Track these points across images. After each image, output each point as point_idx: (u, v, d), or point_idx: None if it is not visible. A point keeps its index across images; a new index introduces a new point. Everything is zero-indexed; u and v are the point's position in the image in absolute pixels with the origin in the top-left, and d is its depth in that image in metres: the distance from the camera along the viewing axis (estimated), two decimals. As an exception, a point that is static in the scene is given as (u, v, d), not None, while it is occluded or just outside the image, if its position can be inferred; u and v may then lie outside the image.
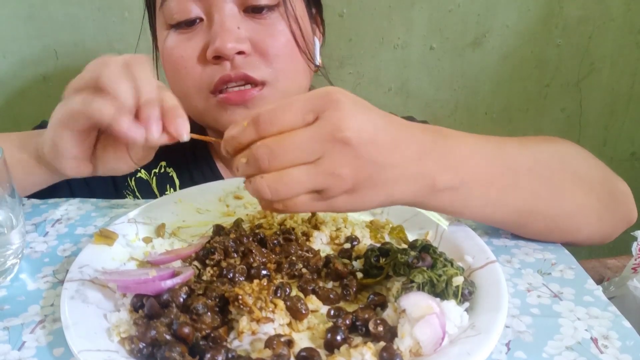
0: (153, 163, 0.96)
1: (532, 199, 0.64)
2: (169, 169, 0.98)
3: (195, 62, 0.83)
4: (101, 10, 1.35)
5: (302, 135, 0.50)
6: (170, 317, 0.52)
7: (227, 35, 0.79)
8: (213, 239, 0.64)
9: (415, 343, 0.50)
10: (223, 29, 0.80)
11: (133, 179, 0.97)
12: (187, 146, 0.96)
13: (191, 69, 0.83)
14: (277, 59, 0.83)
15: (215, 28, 0.80)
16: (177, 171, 0.98)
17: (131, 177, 0.97)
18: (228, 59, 0.81)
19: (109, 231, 0.66)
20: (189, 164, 0.98)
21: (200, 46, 0.82)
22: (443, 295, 0.55)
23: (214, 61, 0.81)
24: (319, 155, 0.51)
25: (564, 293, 0.61)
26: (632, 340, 0.54)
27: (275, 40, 0.83)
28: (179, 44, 0.83)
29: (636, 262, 0.85)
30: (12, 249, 0.64)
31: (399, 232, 0.70)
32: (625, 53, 1.48)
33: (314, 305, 0.56)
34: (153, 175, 0.98)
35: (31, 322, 0.57)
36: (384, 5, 1.40)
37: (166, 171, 0.98)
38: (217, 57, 0.80)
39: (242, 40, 0.80)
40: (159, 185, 0.97)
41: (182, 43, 0.83)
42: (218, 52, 0.79)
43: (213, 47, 0.80)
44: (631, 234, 0.86)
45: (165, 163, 0.98)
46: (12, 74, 1.39)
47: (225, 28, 0.80)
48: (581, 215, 0.68)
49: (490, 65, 1.48)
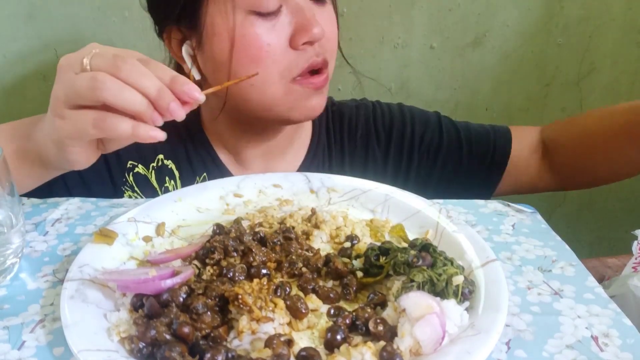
0: (150, 157, 0.96)
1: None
2: (167, 162, 0.98)
3: (284, 49, 0.83)
4: (101, 9, 1.35)
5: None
6: (170, 317, 0.52)
7: (315, 22, 0.83)
8: (213, 238, 0.64)
9: (416, 342, 0.50)
10: (310, 16, 0.83)
11: (131, 174, 0.97)
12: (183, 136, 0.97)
13: (279, 56, 0.83)
14: (331, 42, 0.89)
15: (301, 15, 0.83)
16: (175, 163, 0.98)
17: (129, 172, 0.96)
18: (313, 45, 0.84)
19: (108, 230, 0.66)
20: (188, 153, 0.98)
21: (287, 33, 0.83)
22: (443, 295, 0.55)
23: (302, 47, 0.83)
24: None
25: (565, 290, 0.60)
26: (632, 338, 0.54)
27: (333, 27, 0.89)
28: (263, 32, 0.83)
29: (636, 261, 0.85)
30: (12, 248, 0.64)
31: (399, 230, 0.70)
32: (625, 53, 1.47)
33: (314, 305, 0.56)
34: (151, 170, 0.97)
35: (31, 322, 0.57)
36: (384, 4, 1.39)
37: (164, 164, 0.98)
38: (304, 43, 0.83)
39: (319, 26, 0.83)
40: (158, 178, 0.97)
41: (266, 31, 0.83)
42: (312, 37, 0.82)
43: (306, 34, 0.82)
44: (632, 232, 0.86)
45: (163, 156, 0.97)
46: (12, 73, 1.39)
47: (310, 15, 0.83)
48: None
49: (490, 64, 1.48)
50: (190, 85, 0.60)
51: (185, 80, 0.61)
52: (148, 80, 0.59)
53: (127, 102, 0.59)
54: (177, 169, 0.98)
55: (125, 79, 0.59)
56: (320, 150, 1.02)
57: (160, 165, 0.98)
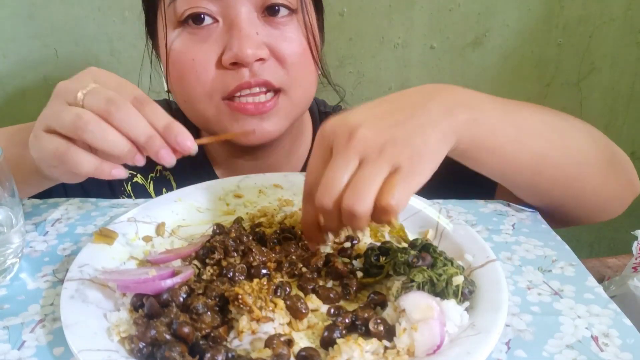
0: (149, 167, 0.96)
1: (544, 145, 0.69)
2: (165, 172, 0.97)
3: (209, 66, 0.79)
4: (101, 10, 1.35)
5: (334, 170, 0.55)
6: (170, 317, 0.52)
7: (247, 41, 0.76)
8: (213, 238, 0.64)
9: (412, 343, 0.50)
10: (242, 34, 0.77)
11: (129, 183, 0.96)
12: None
13: (203, 73, 0.79)
14: (293, 66, 0.82)
15: (234, 33, 0.77)
16: (174, 175, 0.97)
17: (127, 181, 0.96)
18: (246, 66, 0.78)
19: (108, 230, 0.66)
20: (185, 167, 0.97)
21: (215, 50, 0.79)
22: (443, 295, 0.55)
23: (230, 67, 0.78)
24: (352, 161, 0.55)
25: (565, 290, 0.60)
26: (632, 338, 0.53)
27: (292, 47, 0.81)
28: (190, 46, 0.80)
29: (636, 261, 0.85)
30: (12, 248, 0.64)
31: (399, 231, 0.70)
32: (625, 53, 1.47)
33: (314, 305, 0.56)
34: (150, 180, 0.97)
35: (31, 322, 0.57)
36: (384, 4, 1.40)
37: (163, 174, 0.97)
38: (234, 63, 0.78)
39: (261, 47, 0.78)
40: (156, 188, 0.97)
41: (194, 45, 0.80)
42: (237, 58, 0.77)
43: (232, 53, 0.77)
44: (632, 233, 0.86)
45: (162, 167, 0.97)
46: (12, 73, 1.39)
47: (244, 33, 0.77)
48: (586, 165, 0.72)
49: (490, 64, 1.48)
50: (183, 135, 0.60)
51: (179, 129, 0.60)
52: (138, 128, 0.59)
53: (107, 146, 0.58)
54: (174, 181, 0.97)
55: (116, 126, 0.58)
56: None
57: (159, 175, 0.97)
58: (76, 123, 0.58)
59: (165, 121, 0.60)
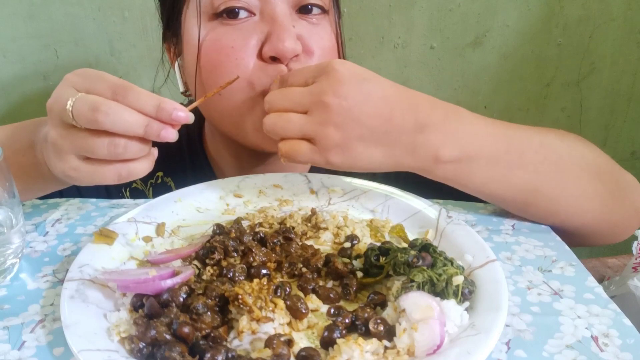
0: (150, 173, 0.95)
1: (536, 179, 0.69)
2: (166, 179, 0.97)
3: (250, 52, 0.76)
4: (101, 10, 1.35)
5: (297, 90, 0.66)
6: (170, 317, 0.52)
7: (288, 34, 0.74)
8: (213, 238, 0.64)
9: (412, 343, 0.50)
10: (283, 27, 0.75)
11: (127, 189, 0.96)
12: (185, 157, 0.95)
13: (242, 60, 0.76)
14: (320, 60, 0.80)
15: (275, 26, 0.75)
16: (174, 181, 0.96)
17: (126, 187, 0.96)
18: (284, 62, 0.76)
19: (108, 230, 0.66)
20: (186, 173, 0.96)
21: (255, 39, 0.77)
22: (443, 295, 0.55)
23: (269, 61, 0.76)
24: (306, 109, 0.64)
25: (565, 290, 0.60)
26: (632, 339, 0.54)
27: (323, 42, 0.81)
28: (227, 33, 0.77)
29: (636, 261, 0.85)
30: (12, 248, 0.64)
31: (399, 231, 0.70)
32: (625, 53, 1.47)
33: (314, 305, 0.56)
34: (149, 186, 0.96)
35: (31, 322, 0.57)
36: (384, 4, 1.39)
37: (164, 181, 0.97)
38: (273, 57, 0.76)
39: (297, 42, 0.76)
40: (156, 195, 0.96)
41: (231, 33, 0.77)
42: (279, 52, 0.74)
43: (275, 46, 0.74)
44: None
45: (163, 173, 0.96)
46: (12, 73, 1.39)
47: (285, 26, 0.75)
48: (585, 198, 0.71)
49: (490, 64, 1.48)
50: (176, 111, 0.59)
51: (171, 105, 0.59)
52: (131, 123, 0.58)
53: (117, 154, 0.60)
54: (175, 187, 0.96)
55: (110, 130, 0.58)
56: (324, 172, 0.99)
57: (160, 182, 0.96)
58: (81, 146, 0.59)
59: (153, 103, 0.59)
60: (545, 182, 0.69)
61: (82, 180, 0.63)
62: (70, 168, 0.62)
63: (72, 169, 0.62)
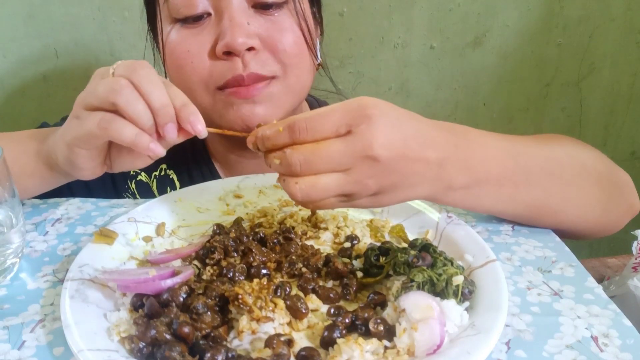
0: (153, 166, 0.95)
1: (542, 195, 0.69)
2: (169, 171, 0.98)
3: (203, 57, 0.80)
4: (101, 10, 1.35)
5: (335, 147, 0.55)
6: (170, 317, 0.52)
7: (238, 30, 0.77)
8: (213, 238, 0.64)
9: (412, 343, 0.50)
10: (233, 24, 0.78)
11: (133, 181, 0.97)
12: (187, 148, 0.96)
13: (198, 64, 0.81)
14: (286, 55, 0.82)
15: (225, 23, 0.78)
16: (177, 173, 0.98)
17: (131, 179, 0.97)
18: (238, 55, 0.79)
19: (109, 230, 0.66)
20: (189, 165, 0.98)
21: (209, 41, 0.80)
22: (443, 295, 0.55)
23: (223, 57, 0.79)
24: (348, 167, 0.56)
25: (564, 291, 0.60)
26: (632, 339, 0.54)
27: (284, 37, 0.82)
28: (185, 38, 0.82)
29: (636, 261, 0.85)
30: (12, 248, 0.64)
31: (399, 231, 0.70)
32: (625, 53, 1.47)
33: (314, 305, 0.56)
34: (153, 178, 0.97)
35: (31, 322, 0.57)
36: (384, 4, 1.39)
37: (167, 173, 0.98)
38: (226, 52, 0.79)
39: (252, 36, 0.79)
40: (159, 187, 0.97)
41: (188, 38, 0.81)
42: (229, 47, 0.78)
43: (224, 42, 0.78)
44: (631, 233, 0.86)
45: (166, 165, 0.97)
46: (12, 73, 1.39)
47: (235, 23, 0.78)
48: (588, 207, 0.72)
49: (490, 64, 1.48)
50: (197, 116, 0.61)
51: (195, 110, 0.61)
52: (157, 92, 0.60)
53: (135, 112, 0.59)
54: (178, 180, 0.98)
55: (138, 84, 0.59)
56: None
57: (163, 174, 0.98)
58: (112, 87, 0.60)
59: (183, 100, 0.61)
60: (550, 197, 0.69)
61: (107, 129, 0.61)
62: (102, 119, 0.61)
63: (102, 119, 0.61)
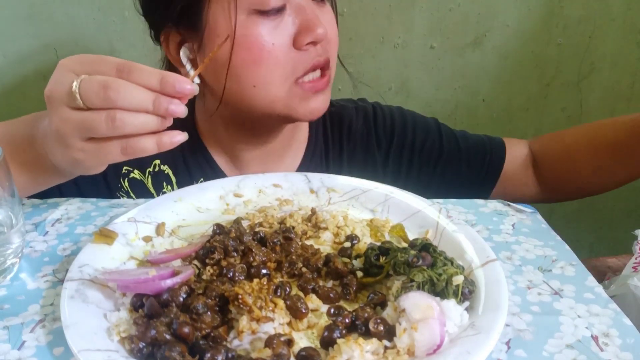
0: (147, 162, 0.95)
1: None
2: (163, 167, 0.97)
3: (285, 49, 0.83)
4: (101, 9, 1.35)
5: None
6: (170, 317, 0.52)
7: (319, 22, 0.82)
8: (213, 238, 0.64)
9: (412, 343, 0.50)
10: (314, 16, 0.83)
11: (126, 179, 0.96)
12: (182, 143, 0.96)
13: (282, 56, 0.83)
14: (333, 45, 0.89)
15: (306, 16, 0.82)
16: (172, 168, 0.97)
17: (124, 177, 0.96)
18: (316, 44, 0.84)
19: (108, 230, 0.66)
20: (184, 158, 0.97)
21: (290, 33, 0.83)
22: (443, 295, 0.55)
23: (305, 47, 0.83)
24: None
25: (565, 290, 0.60)
26: (632, 338, 0.54)
27: (333, 28, 0.89)
28: (268, 30, 0.82)
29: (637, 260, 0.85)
30: (12, 248, 0.64)
31: (399, 230, 0.70)
32: (625, 53, 1.47)
33: (314, 305, 0.56)
34: (148, 175, 0.97)
35: (31, 322, 0.57)
36: (384, 4, 1.39)
37: (161, 169, 0.97)
38: (309, 43, 0.83)
39: (322, 26, 0.83)
40: (155, 184, 0.96)
41: (271, 30, 0.82)
42: (317, 37, 0.82)
43: (313, 34, 0.82)
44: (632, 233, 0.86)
45: (159, 161, 0.97)
46: (12, 73, 1.39)
47: (314, 14, 0.83)
48: None
49: (490, 64, 1.48)
50: (180, 82, 0.59)
51: (174, 77, 0.59)
52: (140, 99, 0.58)
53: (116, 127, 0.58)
54: (174, 174, 0.97)
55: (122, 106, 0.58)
56: (318, 152, 1.01)
57: (157, 170, 0.97)
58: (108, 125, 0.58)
59: (157, 77, 0.59)
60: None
61: (89, 162, 0.63)
62: (77, 150, 0.62)
63: (78, 150, 0.62)
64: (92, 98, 0.59)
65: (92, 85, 0.59)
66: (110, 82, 0.58)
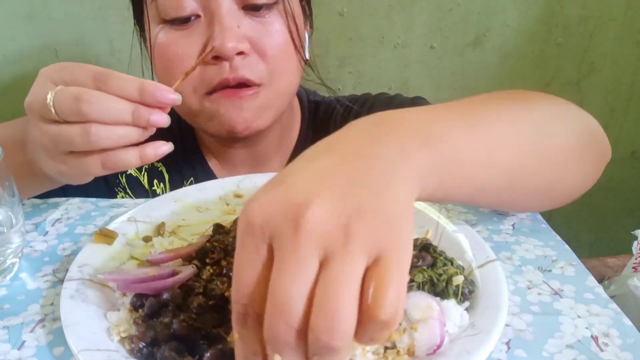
0: None
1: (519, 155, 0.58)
2: (157, 164, 0.97)
3: (192, 61, 0.79)
4: (101, 9, 1.35)
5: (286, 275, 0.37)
6: (170, 317, 0.52)
7: (228, 35, 0.76)
8: (213, 237, 0.64)
9: (412, 343, 0.50)
10: (223, 28, 0.76)
11: (124, 176, 0.97)
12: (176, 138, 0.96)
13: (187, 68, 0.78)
14: (274, 59, 0.81)
15: (215, 26, 0.77)
16: (165, 165, 0.97)
17: (122, 174, 0.97)
18: (227, 60, 0.79)
19: (108, 230, 0.66)
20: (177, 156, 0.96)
21: (198, 44, 0.79)
22: (443, 295, 0.55)
23: (212, 61, 0.79)
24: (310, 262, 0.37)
25: (565, 290, 0.60)
26: (632, 338, 0.53)
27: (273, 40, 0.81)
28: (174, 40, 0.80)
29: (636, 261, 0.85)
30: (11, 248, 0.64)
31: (399, 231, 0.70)
32: (625, 52, 1.47)
33: (314, 304, 0.56)
34: (144, 172, 0.97)
35: (31, 321, 0.57)
36: (384, 4, 1.39)
37: (155, 166, 0.98)
38: (216, 57, 0.78)
39: (242, 40, 0.78)
40: (150, 180, 0.97)
41: (177, 40, 0.80)
42: (218, 52, 0.76)
43: (216, 48, 0.76)
44: (632, 233, 0.86)
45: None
46: (12, 73, 1.39)
47: (225, 27, 0.76)
48: (565, 159, 0.64)
49: (490, 64, 1.48)
50: (161, 91, 0.58)
51: (154, 86, 0.58)
52: (118, 110, 0.57)
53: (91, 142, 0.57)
54: (167, 172, 0.97)
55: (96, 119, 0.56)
56: None
57: (152, 167, 0.97)
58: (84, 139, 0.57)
59: (136, 86, 0.57)
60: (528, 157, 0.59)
61: (72, 174, 0.63)
62: (59, 162, 0.61)
63: (60, 162, 0.61)
64: (65, 111, 0.57)
65: (65, 97, 0.57)
66: (83, 94, 0.56)
